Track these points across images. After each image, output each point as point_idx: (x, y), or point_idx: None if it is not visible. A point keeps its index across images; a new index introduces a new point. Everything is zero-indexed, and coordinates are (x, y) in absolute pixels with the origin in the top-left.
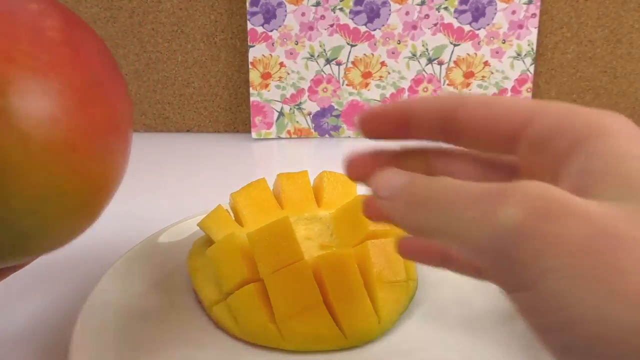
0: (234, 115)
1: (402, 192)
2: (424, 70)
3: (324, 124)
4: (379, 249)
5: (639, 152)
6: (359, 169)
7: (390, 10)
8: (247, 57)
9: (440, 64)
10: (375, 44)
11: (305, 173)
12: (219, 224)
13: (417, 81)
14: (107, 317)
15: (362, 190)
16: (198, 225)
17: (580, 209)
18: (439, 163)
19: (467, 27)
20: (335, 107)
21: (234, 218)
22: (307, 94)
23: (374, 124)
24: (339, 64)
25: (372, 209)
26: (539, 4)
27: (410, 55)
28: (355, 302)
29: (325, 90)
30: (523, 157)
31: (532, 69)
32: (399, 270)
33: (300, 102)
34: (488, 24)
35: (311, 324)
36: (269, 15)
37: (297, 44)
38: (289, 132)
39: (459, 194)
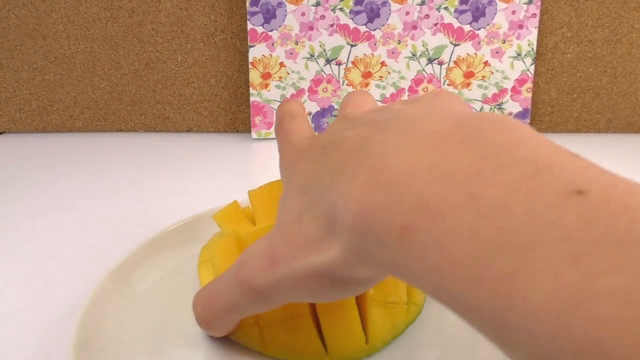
0: (234, 115)
1: None
2: (424, 70)
3: (324, 124)
4: None
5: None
6: None
7: (390, 10)
8: (247, 57)
9: (440, 64)
10: (375, 44)
11: None
12: (229, 219)
13: (417, 81)
14: (108, 316)
15: None
16: (212, 217)
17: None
18: None
19: (467, 27)
20: (335, 107)
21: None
22: (307, 94)
23: None
24: (339, 64)
25: None
26: (539, 4)
27: (410, 55)
28: (342, 317)
29: (325, 90)
30: None
31: (532, 69)
32: (399, 291)
33: None
34: (488, 24)
35: (294, 334)
36: (269, 15)
37: (297, 44)
38: None
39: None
